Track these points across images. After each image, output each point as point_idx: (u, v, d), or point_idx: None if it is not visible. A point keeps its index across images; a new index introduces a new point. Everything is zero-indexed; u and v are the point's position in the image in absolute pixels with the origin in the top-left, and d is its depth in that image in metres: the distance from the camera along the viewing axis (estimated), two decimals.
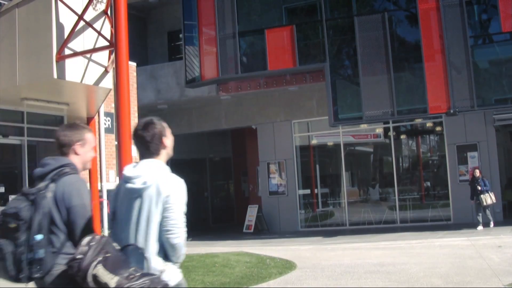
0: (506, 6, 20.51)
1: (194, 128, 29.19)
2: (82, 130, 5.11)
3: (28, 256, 4.57)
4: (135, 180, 4.65)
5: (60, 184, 4.77)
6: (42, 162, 4.91)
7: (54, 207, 4.71)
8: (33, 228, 4.59)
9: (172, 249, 4.58)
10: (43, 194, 4.69)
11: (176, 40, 29.46)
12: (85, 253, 4.30)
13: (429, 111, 21.20)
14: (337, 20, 22.91)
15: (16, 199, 4.72)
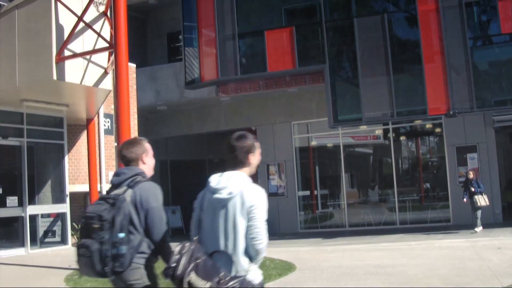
0: (506, 8, 20.51)
1: (194, 129, 29.20)
2: (142, 142, 5.90)
3: (112, 252, 5.19)
4: (221, 191, 5.03)
5: (137, 190, 5.45)
6: (117, 172, 5.66)
7: (133, 209, 5.37)
8: (116, 227, 5.23)
9: (256, 253, 4.99)
10: (122, 198, 5.34)
11: (176, 41, 29.47)
12: (178, 261, 4.76)
13: (428, 112, 21.19)
14: (336, 21, 22.90)
15: (96, 204, 5.38)
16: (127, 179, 5.54)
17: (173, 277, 4.75)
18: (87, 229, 5.29)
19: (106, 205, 5.31)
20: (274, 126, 27.13)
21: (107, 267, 5.18)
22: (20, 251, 16.95)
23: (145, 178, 5.67)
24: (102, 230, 5.21)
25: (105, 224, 5.21)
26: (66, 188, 18.39)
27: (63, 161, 18.37)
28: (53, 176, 18.58)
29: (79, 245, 5.31)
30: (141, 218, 5.40)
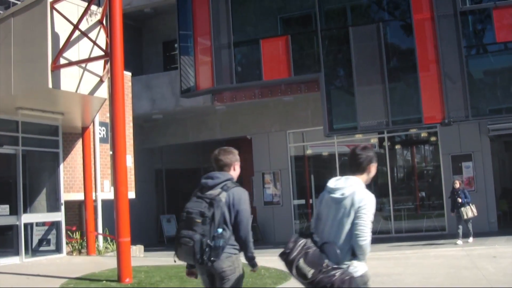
0: (501, 17, 20.60)
1: (189, 138, 29.20)
2: (235, 152, 6.88)
3: (211, 244, 6.16)
4: (336, 192, 5.86)
5: (230, 193, 6.43)
6: (211, 176, 6.58)
7: (227, 209, 6.36)
8: (216, 223, 6.22)
9: (359, 249, 5.72)
10: (219, 199, 6.33)
11: (171, 50, 29.49)
12: (292, 248, 5.65)
13: (423, 121, 21.24)
14: (332, 30, 22.94)
15: (195, 202, 6.41)
16: (220, 182, 6.50)
17: (286, 260, 5.68)
18: (189, 222, 6.25)
19: (204, 203, 6.30)
20: (269, 134, 27.14)
21: (205, 256, 6.16)
22: (14, 260, 16.88)
23: (234, 183, 6.61)
24: (204, 224, 6.17)
25: (206, 219, 6.19)
26: (61, 197, 18.33)
27: (58, 170, 18.33)
28: (48, 185, 18.54)
29: (181, 236, 6.23)
30: (232, 217, 6.40)
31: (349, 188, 5.82)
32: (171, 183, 32.29)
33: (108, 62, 14.33)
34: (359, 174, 6.00)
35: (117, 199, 12.90)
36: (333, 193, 5.89)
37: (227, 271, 6.39)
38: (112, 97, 13.22)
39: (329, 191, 5.94)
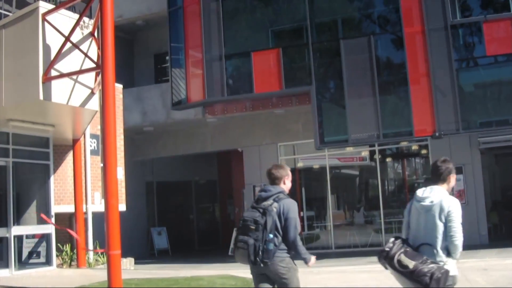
0: (491, 30, 20.71)
1: (180, 150, 29.15)
2: (287, 168, 7.96)
3: (263, 247, 7.19)
4: (425, 200, 6.77)
5: (281, 204, 7.42)
6: (265, 189, 7.66)
7: (277, 217, 7.34)
8: (267, 229, 7.22)
9: (454, 248, 6.65)
10: (271, 209, 7.34)
11: (163, 62, 29.48)
12: (391, 247, 6.68)
13: (414, 134, 21.30)
14: (323, 43, 23.00)
15: (250, 211, 7.45)
16: (273, 195, 7.52)
17: (385, 257, 6.70)
18: (244, 228, 7.29)
19: (258, 212, 7.33)
20: (260, 147, 27.12)
21: (258, 258, 7.18)
22: (4, 272, 16.79)
23: (285, 195, 7.62)
24: (257, 230, 7.21)
25: (259, 226, 7.22)
26: (51, 209, 18.27)
27: (48, 182, 18.26)
28: (39, 197, 18.46)
29: (238, 240, 7.33)
30: (282, 224, 7.36)
31: (436, 196, 6.72)
32: (162, 196, 32.25)
33: (99, 74, 14.32)
34: (440, 184, 6.86)
35: (107, 211, 12.85)
36: (422, 201, 6.80)
37: (284, 272, 7.41)
38: (103, 109, 13.18)
39: (419, 200, 6.87)
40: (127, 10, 26.99)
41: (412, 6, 21.58)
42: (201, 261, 25.11)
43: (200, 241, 33.69)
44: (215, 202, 35.80)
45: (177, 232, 32.44)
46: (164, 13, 25.38)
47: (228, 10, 23.86)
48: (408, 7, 21.65)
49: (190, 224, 33.96)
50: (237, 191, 31.11)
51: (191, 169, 34.00)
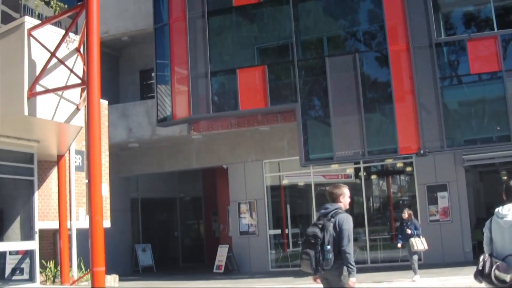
0: (475, 48, 20.90)
1: (165, 167, 29.09)
2: (342, 187, 9.03)
3: (323, 257, 8.46)
4: (507, 216, 7.46)
5: (337, 218, 8.61)
6: (325, 207, 8.87)
7: (334, 231, 8.54)
8: (325, 242, 8.48)
9: None
10: (328, 224, 8.57)
11: (148, 78, 29.46)
12: (483, 265, 7.38)
13: (399, 151, 21.39)
14: (308, 60, 23.08)
15: (312, 227, 8.74)
16: (331, 211, 8.73)
17: (482, 275, 7.38)
18: (307, 243, 8.63)
19: (317, 228, 8.59)
20: (245, 164, 27.11)
21: (319, 267, 8.48)
22: None
23: (342, 211, 8.78)
24: (317, 244, 8.49)
25: (319, 240, 8.50)
26: (35, 225, 18.16)
27: (32, 198, 18.15)
28: (22, 213, 18.34)
29: (303, 253, 8.66)
30: (337, 235, 8.52)
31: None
32: (146, 212, 32.14)
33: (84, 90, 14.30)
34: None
35: (92, 228, 12.81)
36: (505, 217, 7.50)
37: (341, 278, 8.56)
38: (88, 125, 13.16)
39: (501, 217, 7.56)
40: (113, 26, 27.03)
41: (397, 24, 21.74)
42: (186, 278, 25.05)
43: (184, 258, 33.57)
44: (200, 219, 35.71)
45: (162, 248, 32.33)
46: (150, 30, 25.42)
47: (214, 27, 23.91)
48: (393, 25, 21.80)
49: (174, 240, 33.84)
50: (222, 208, 31.06)
51: (176, 185, 33.94)
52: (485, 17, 22.12)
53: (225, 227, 30.56)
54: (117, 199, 24.88)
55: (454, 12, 23.53)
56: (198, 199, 35.26)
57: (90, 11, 13.11)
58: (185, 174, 32.86)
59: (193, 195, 35.51)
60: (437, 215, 23.55)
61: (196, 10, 23.90)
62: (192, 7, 23.92)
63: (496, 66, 20.72)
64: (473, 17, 22.84)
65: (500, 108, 20.79)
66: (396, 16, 21.75)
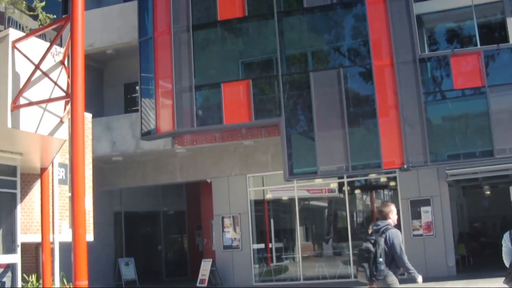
0: (458, 64, 21.08)
1: (149, 181, 29.01)
2: (391, 205, 10.55)
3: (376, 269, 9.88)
4: None
5: (388, 233, 10.02)
6: (376, 223, 10.36)
7: (385, 244, 9.96)
8: (377, 255, 9.89)
9: None
10: (379, 239, 9.98)
11: (133, 92, 29.40)
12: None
13: (383, 166, 21.46)
14: (293, 75, 23.13)
15: (365, 242, 10.18)
16: (382, 227, 10.14)
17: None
18: (362, 257, 10.10)
19: (370, 244, 10.02)
20: (229, 178, 27.09)
21: (373, 277, 9.90)
22: None
23: (391, 227, 10.19)
24: (370, 258, 9.93)
25: (371, 254, 9.94)
26: (18, 238, 18.04)
27: (15, 211, 18.03)
28: (5, 226, 18.21)
29: (359, 266, 10.13)
30: (388, 249, 9.97)
31: None
32: (130, 226, 32.03)
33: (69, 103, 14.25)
34: None
35: (74, 241, 12.74)
36: None
37: (392, 284, 10.00)
38: (72, 138, 13.11)
39: None
40: (97, 39, 27.01)
41: (381, 39, 21.88)
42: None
43: (168, 272, 33.43)
44: (183, 233, 35.60)
45: (145, 262, 32.21)
46: (135, 43, 25.42)
47: (198, 41, 23.95)
48: (377, 40, 21.93)
49: (158, 255, 33.72)
50: (205, 222, 30.99)
51: (160, 199, 33.87)
52: (468, 33, 22.37)
53: (208, 241, 30.49)
54: (100, 212, 24.77)
55: (438, 28, 23.74)
56: (181, 213, 35.16)
57: (75, 23, 13.09)
58: (168, 188, 32.80)
59: (176, 209, 35.43)
60: (420, 230, 23.60)
61: (181, 24, 23.95)
62: (177, 21, 23.96)
63: (479, 81, 20.90)
64: (457, 33, 23.06)
65: (483, 123, 20.94)
66: (380, 31, 21.89)
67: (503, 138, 20.56)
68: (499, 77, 21.05)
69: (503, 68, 21.22)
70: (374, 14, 22.08)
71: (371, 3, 22.15)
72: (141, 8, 25.26)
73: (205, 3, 24.30)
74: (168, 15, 24.09)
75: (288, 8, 23.56)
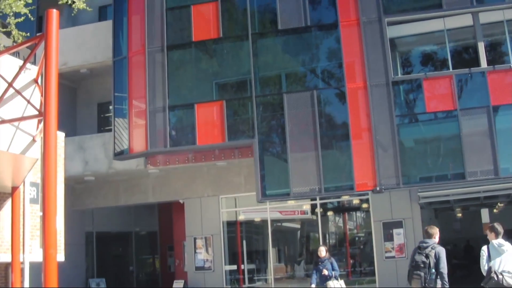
0: (431, 87, 21.30)
1: (121, 201, 28.85)
2: (435, 228, 12.54)
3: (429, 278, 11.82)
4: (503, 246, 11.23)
5: (436, 250, 12.00)
6: (424, 241, 12.34)
7: (434, 258, 11.92)
8: (430, 266, 11.85)
9: None
10: (430, 254, 11.95)
11: (106, 111, 29.29)
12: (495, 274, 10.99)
13: (355, 188, 21.51)
14: (267, 96, 23.18)
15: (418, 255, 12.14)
16: (430, 245, 12.16)
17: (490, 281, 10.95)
18: (417, 266, 11.95)
19: (423, 256, 12.01)
20: (202, 199, 27.03)
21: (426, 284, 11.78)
22: None
23: (437, 245, 12.20)
24: (425, 267, 11.88)
25: (426, 264, 11.89)
26: None
27: None
28: None
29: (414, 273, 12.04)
30: (436, 261, 11.92)
31: None
32: (101, 246, 31.78)
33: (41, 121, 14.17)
34: None
35: (45, 261, 12.63)
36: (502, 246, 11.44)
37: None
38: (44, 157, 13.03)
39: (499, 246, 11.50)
40: (72, 58, 26.91)
41: (355, 62, 22.03)
42: None
43: None
44: (155, 254, 35.42)
45: (117, 283, 31.96)
46: (109, 63, 25.37)
47: (173, 61, 23.95)
48: (351, 63, 22.08)
49: (129, 275, 33.50)
50: (178, 243, 30.87)
51: (132, 219, 33.68)
52: (441, 57, 22.60)
53: (180, 262, 30.36)
54: (71, 232, 24.57)
55: (411, 51, 23.95)
56: (153, 233, 35.00)
57: (49, 42, 13.04)
58: (141, 208, 32.65)
59: (148, 230, 35.25)
60: (392, 252, 23.68)
61: (155, 44, 23.95)
62: (151, 41, 23.96)
63: (451, 105, 21.12)
64: (429, 56, 23.28)
65: (455, 146, 21.12)
66: (354, 54, 22.05)
67: (474, 161, 20.74)
68: (471, 100, 21.30)
69: (474, 91, 21.48)
70: (348, 37, 22.24)
71: (345, 26, 22.31)
72: (116, 27, 25.25)
73: (180, 24, 24.32)
74: (143, 35, 24.10)
75: (263, 30, 23.66)
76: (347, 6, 22.47)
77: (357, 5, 22.29)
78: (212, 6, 23.91)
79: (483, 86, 21.23)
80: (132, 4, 24.83)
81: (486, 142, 20.81)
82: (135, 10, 24.71)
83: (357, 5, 22.29)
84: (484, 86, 21.21)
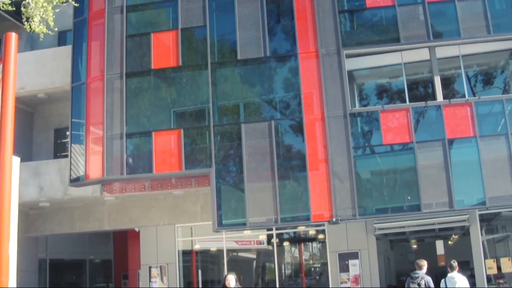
0: (387, 120, 21.55)
1: (76, 228, 28.51)
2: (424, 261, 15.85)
3: None
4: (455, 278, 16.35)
5: (425, 279, 15.26)
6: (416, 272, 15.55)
7: (425, 286, 15.10)
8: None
9: None
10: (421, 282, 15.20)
11: (63, 137, 29.01)
12: None
13: (312, 219, 21.57)
14: (224, 126, 23.20)
15: (411, 283, 15.40)
16: (420, 275, 15.14)
17: None
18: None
19: (416, 285, 14.91)
20: (158, 227, 26.85)
21: None
22: None
23: (426, 275, 15.07)
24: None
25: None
26: None
27: None
28: None
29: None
30: None
31: None
32: (54, 274, 31.38)
33: None
34: None
35: None
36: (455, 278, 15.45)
37: None
38: None
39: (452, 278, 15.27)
40: (29, 82, 26.68)
41: (313, 94, 22.20)
42: None
43: None
44: (109, 282, 35.07)
45: None
46: (67, 88, 25.20)
47: (131, 88, 23.88)
48: (309, 94, 22.25)
49: None
50: (132, 271, 30.59)
51: (86, 247, 33.35)
52: (397, 90, 22.91)
53: None
54: (24, 259, 24.26)
55: (368, 83, 24.26)
56: (108, 261, 34.68)
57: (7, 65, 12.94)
58: (95, 236, 32.36)
59: (103, 257, 34.93)
60: (348, 283, 23.73)
61: (114, 70, 23.88)
62: (110, 68, 23.89)
63: (407, 137, 21.38)
64: (386, 89, 23.61)
65: (411, 178, 21.36)
66: (312, 85, 22.23)
67: (430, 193, 20.98)
68: (427, 133, 21.61)
69: (430, 124, 21.80)
70: (307, 69, 22.43)
71: (304, 58, 22.51)
72: (75, 53, 25.13)
73: (140, 51, 24.30)
74: (102, 61, 24.01)
75: (222, 60, 23.74)
76: (307, 38, 22.69)
77: (316, 37, 22.52)
78: (172, 34, 23.96)
79: (439, 119, 21.55)
80: (92, 30, 24.77)
81: (442, 174, 21.08)
82: (95, 36, 24.64)
83: (316, 37, 22.52)
84: (439, 119, 21.53)
